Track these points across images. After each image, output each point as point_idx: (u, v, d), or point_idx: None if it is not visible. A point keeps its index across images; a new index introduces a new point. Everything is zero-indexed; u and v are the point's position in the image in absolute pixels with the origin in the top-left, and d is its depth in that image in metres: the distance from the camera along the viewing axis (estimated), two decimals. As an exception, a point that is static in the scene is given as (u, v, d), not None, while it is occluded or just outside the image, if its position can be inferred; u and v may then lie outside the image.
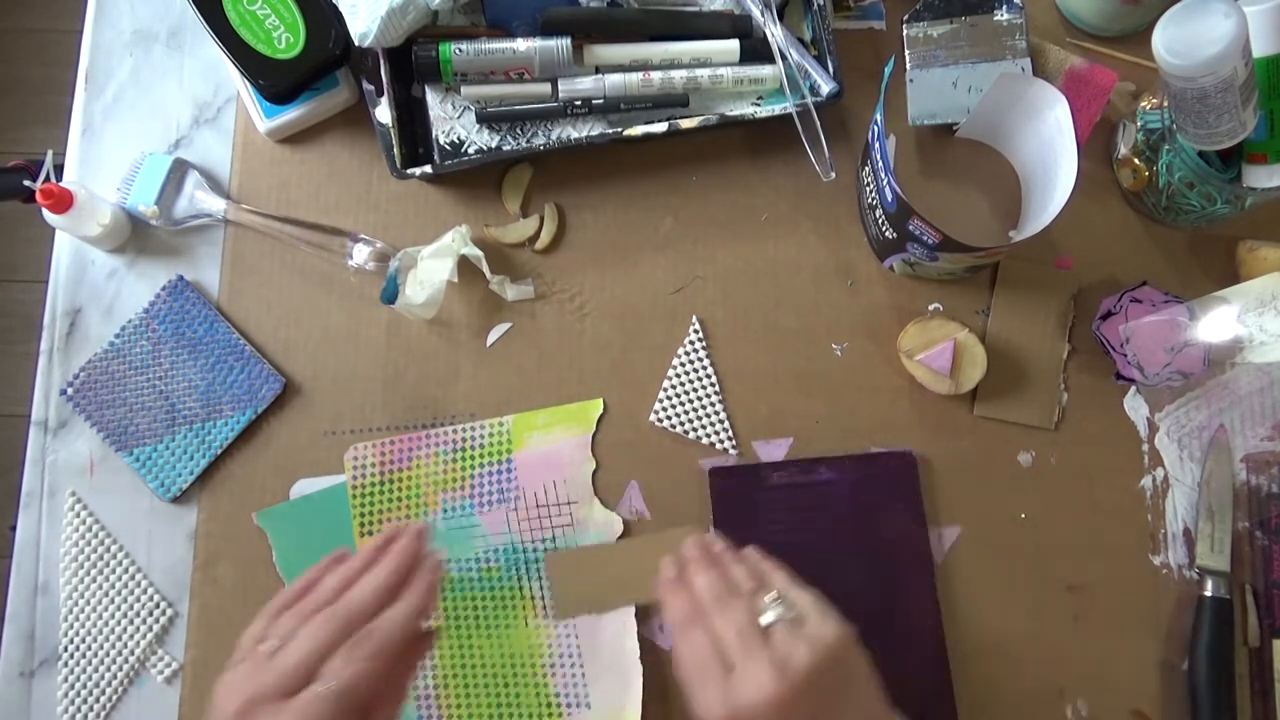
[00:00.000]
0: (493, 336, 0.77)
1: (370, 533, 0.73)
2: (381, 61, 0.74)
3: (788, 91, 0.76)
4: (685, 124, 0.74)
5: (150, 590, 0.73)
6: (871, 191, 0.73)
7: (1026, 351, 0.75)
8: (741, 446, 0.75)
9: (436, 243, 0.74)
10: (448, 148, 0.77)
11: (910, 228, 0.68)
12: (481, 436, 0.75)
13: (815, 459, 0.74)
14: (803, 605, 0.56)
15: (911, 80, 0.76)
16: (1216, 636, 0.69)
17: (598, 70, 0.77)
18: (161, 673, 0.72)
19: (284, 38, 0.74)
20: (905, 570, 0.72)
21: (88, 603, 0.73)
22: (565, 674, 0.71)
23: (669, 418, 0.75)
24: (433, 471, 0.74)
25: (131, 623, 0.73)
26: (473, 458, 0.74)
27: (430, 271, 0.73)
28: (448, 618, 0.72)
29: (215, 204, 0.77)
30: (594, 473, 0.74)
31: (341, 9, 0.73)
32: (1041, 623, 0.72)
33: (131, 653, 0.72)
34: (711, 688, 0.53)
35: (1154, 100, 0.72)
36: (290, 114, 0.77)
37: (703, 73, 0.76)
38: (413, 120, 0.78)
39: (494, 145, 0.77)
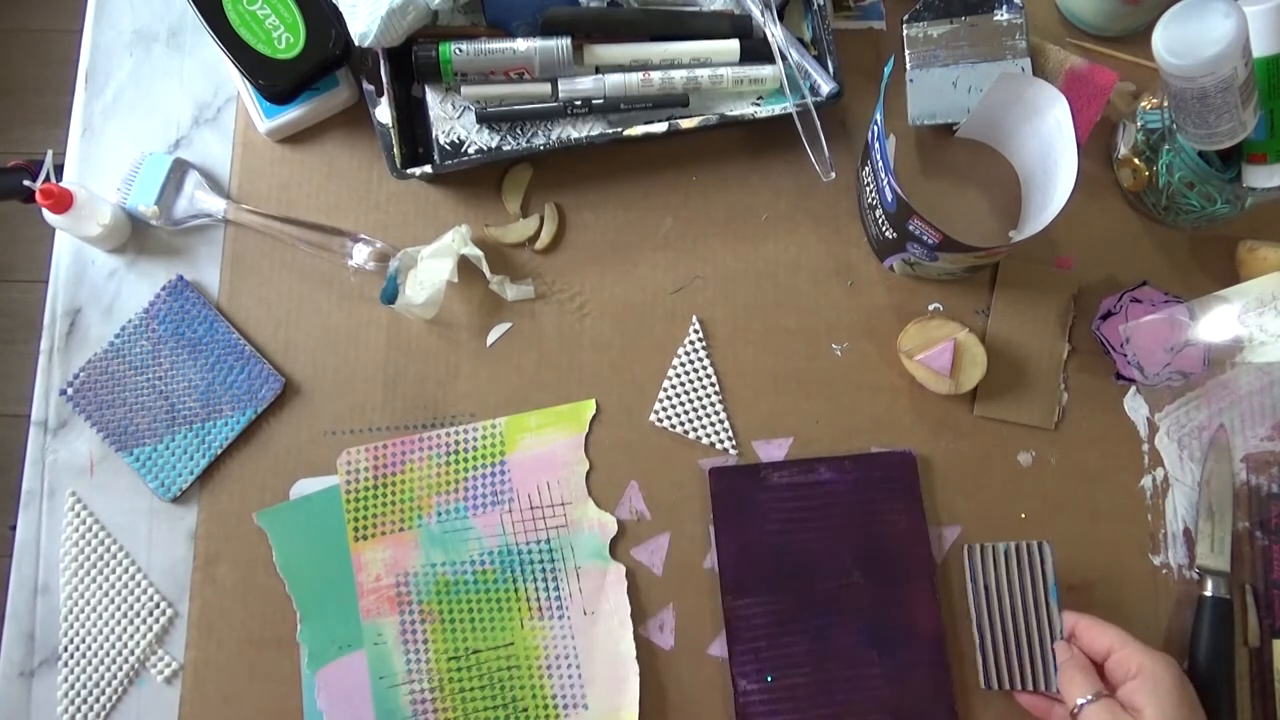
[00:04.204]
0: (493, 336, 0.77)
1: (365, 537, 0.73)
2: (381, 61, 0.74)
3: (788, 91, 0.76)
4: (685, 124, 0.74)
5: (150, 590, 0.73)
6: (871, 191, 0.73)
7: (1026, 351, 0.75)
8: (741, 446, 0.75)
9: (436, 243, 0.74)
10: (448, 148, 0.77)
11: (910, 228, 0.68)
12: (474, 439, 0.75)
13: (815, 459, 0.74)
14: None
15: (911, 80, 0.76)
16: (1216, 636, 0.69)
17: (598, 70, 0.77)
18: (161, 673, 0.72)
19: (284, 38, 0.74)
20: (905, 570, 0.72)
21: (88, 603, 0.73)
22: (562, 675, 0.71)
23: (669, 418, 0.75)
24: (426, 475, 0.74)
25: (131, 623, 0.73)
26: (466, 460, 0.74)
27: (430, 271, 0.73)
28: (444, 621, 0.72)
29: (215, 204, 0.77)
30: (588, 473, 0.74)
31: (341, 9, 0.73)
32: (1041, 623, 0.72)
33: (131, 653, 0.72)
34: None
35: (1154, 100, 0.72)
36: (290, 114, 0.77)
37: (703, 73, 0.76)
38: (413, 120, 0.78)
39: (494, 145, 0.77)
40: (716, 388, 0.75)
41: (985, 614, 0.69)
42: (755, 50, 0.77)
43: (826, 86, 0.74)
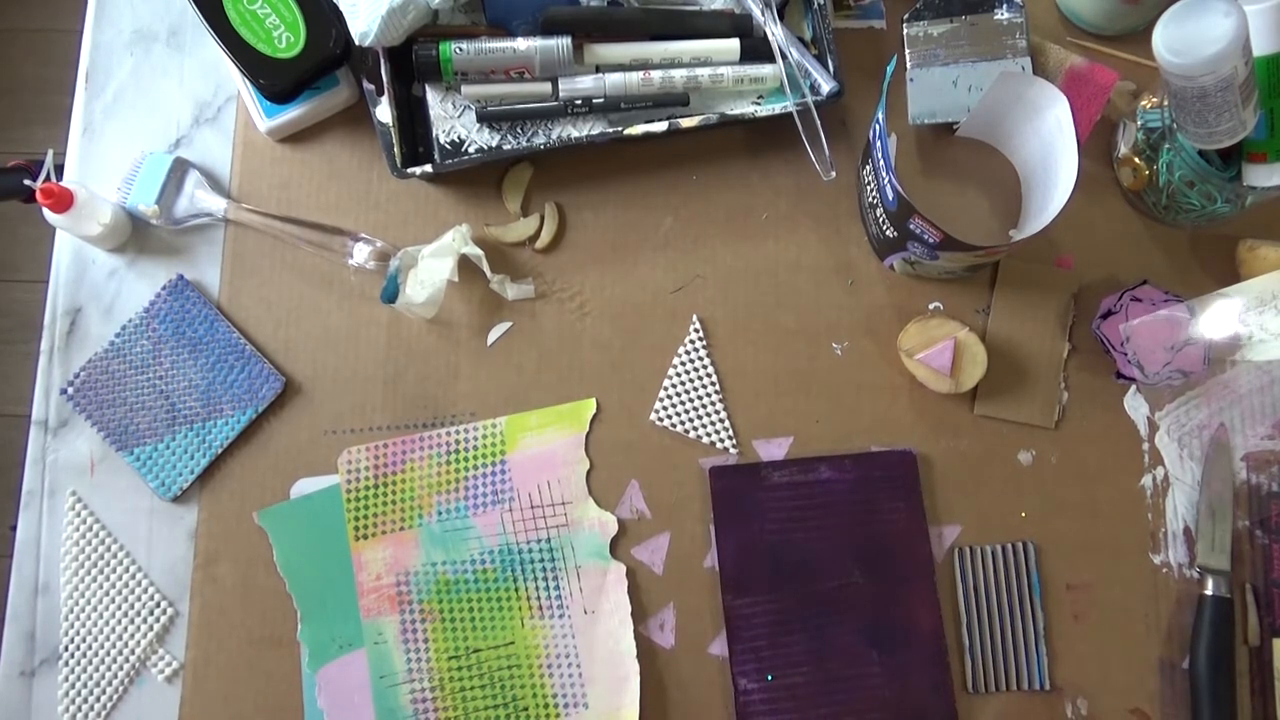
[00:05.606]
0: (493, 336, 0.77)
1: (365, 537, 0.73)
2: (382, 61, 0.74)
3: (788, 91, 0.76)
4: (685, 123, 0.74)
5: (150, 590, 0.73)
6: (872, 190, 0.73)
7: (1027, 350, 0.75)
8: (741, 446, 0.75)
9: (437, 242, 0.74)
10: (448, 147, 0.77)
11: (911, 226, 0.68)
12: (475, 438, 0.75)
13: (815, 458, 0.74)
14: None
15: (912, 79, 0.76)
16: (1217, 635, 0.69)
17: (598, 69, 0.77)
18: (162, 672, 0.72)
19: (284, 37, 0.74)
20: (905, 570, 0.72)
21: (88, 602, 0.73)
22: (562, 674, 0.71)
23: (669, 417, 0.75)
24: (427, 474, 0.74)
25: (132, 622, 0.73)
26: (466, 459, 0.74)
27: (430, 271, 0.73)
28: (444, 620, 0.72)
29: (215, 203, 0.77)
30: (589, 472, 0.74)
31: (342, 8, 0.73)
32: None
33: (132, 652, 0.72)
34: None
35: (1154, 99, 0.72)
36: (290, 113, 0.77)
37: (703, 72, 0.76)
38: (413, 119, 0.78)
39: (494, 144, 0.77)
40: (717, 387, 0.75)
41: (975, 616, 0.70)
42: (755, 49, 0.77)
43: (827, 86, 0.74)
